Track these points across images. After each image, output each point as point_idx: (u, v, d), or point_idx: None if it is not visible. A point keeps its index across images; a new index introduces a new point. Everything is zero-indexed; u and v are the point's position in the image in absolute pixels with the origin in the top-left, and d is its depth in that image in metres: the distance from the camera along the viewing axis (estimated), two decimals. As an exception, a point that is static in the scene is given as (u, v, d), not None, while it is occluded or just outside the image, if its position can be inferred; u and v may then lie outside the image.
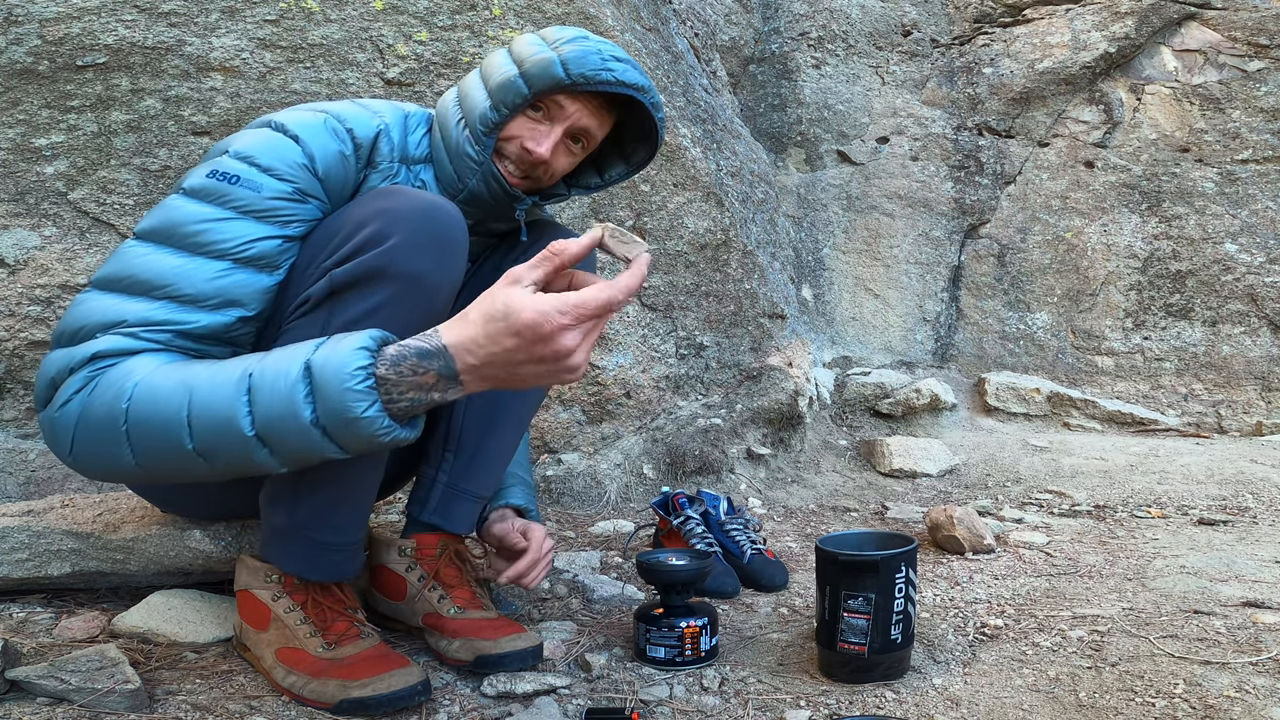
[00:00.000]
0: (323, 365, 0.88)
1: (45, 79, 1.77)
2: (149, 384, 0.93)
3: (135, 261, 1.02)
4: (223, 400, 0.90)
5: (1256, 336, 3.21)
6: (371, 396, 0.87)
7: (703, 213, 2.42)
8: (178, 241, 1.02)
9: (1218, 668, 1.20)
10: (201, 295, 1.01)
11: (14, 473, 1.71)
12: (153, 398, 0.92)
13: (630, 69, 1.19)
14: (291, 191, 1.07)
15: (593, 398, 2.28)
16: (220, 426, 0.90)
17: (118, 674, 1.05)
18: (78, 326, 0.99)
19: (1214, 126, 3.33)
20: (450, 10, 2.06)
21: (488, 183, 1.22)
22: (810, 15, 3.75)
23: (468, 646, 1.21)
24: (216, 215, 1.03)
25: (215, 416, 0.90)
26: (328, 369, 0.87)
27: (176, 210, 1.04)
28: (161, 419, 0.91)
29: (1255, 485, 2.42)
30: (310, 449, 0.90)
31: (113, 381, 0.94)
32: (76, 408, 0.95)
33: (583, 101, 1.20)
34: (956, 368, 3.45)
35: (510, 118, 1.19)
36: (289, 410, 0.88)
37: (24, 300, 1.75)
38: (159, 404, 0.92)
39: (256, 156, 1.07)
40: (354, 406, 0.87)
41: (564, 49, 1.17)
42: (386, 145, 1.19)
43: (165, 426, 0.91)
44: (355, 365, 0.87)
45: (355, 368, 0.87)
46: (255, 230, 1.05)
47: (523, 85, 1.16)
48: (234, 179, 1.05)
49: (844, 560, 1.20)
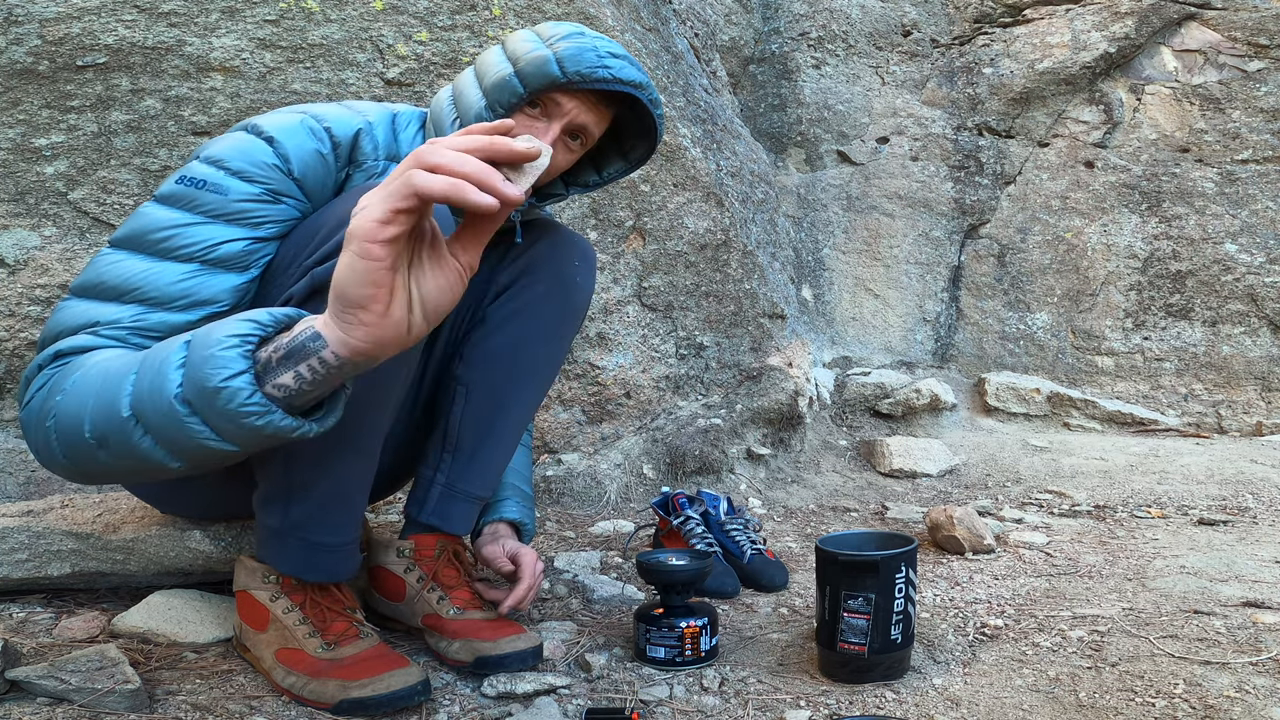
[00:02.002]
0: (205, 333, 0.79)
1: (45, 79, 1.77)
2: (79, 376, 0.89)
3: (106, 269, 1.02)
4: (116, 379, 0.84)
5: (1256, 336, 3.21)
6: (239, 365, 0.76)
7: (703, 213, 2.42)
8: (146, 247, 1.03)
9: (1218, 668, 1.20)
10: (167, 297, 1.01)
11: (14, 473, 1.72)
12: (76, 389, 0.88)
13: (627, 65, 1.18)
14: (261, 193, 1.07)
15: (593, 398, 2.28)
16: (106, 408, 0.83)
17: (118, 674, 1.05)
18: (55, 332, 1.00)
19: (1214, 126, 3.33)
20: (450, 10, 2.05)
21: None
22: (810, 15, 3.75)
23: (467, 647, 1.21)
24: (184, 220, 1.03)
25: (106, 398, 0.84)
26: (209, 336, 0.78)
27: (146, 217, 1.04)
28: (75, 407, 0.86)
29: (1255, 485, 2.42)
30: (182, 433, 0.79)
31: (61, 378, 0.92)
32: (37, 406, 0.95)
33: (580, 99, 1.19)
34: (956, 368, 3.45)
35: (506, 117, 1.18)
36: (158, 382, 0.79)
37: (24, 300, 1.75)
38: (78, 393, 0.87)
39: (226, 160, 1.07)
40: (213, 375, 0.76)
41: (559, 46, 1.16)
42: (369, 144, 1.17)
43: (76, 415, 0.86)
44: (232, 331, 0.77)
45: (230, 334, 0.77)
46: (223, 233, 1.04)
47: (518, 84, 1.15)
48: (201, 184, 1.05)
49: (844, 560, 1.20)
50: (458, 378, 1.33)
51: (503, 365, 1.32)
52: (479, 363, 1.33)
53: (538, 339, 1.34)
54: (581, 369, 2.26)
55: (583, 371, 2.27)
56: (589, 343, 2.27)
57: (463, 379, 1.33)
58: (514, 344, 1.33)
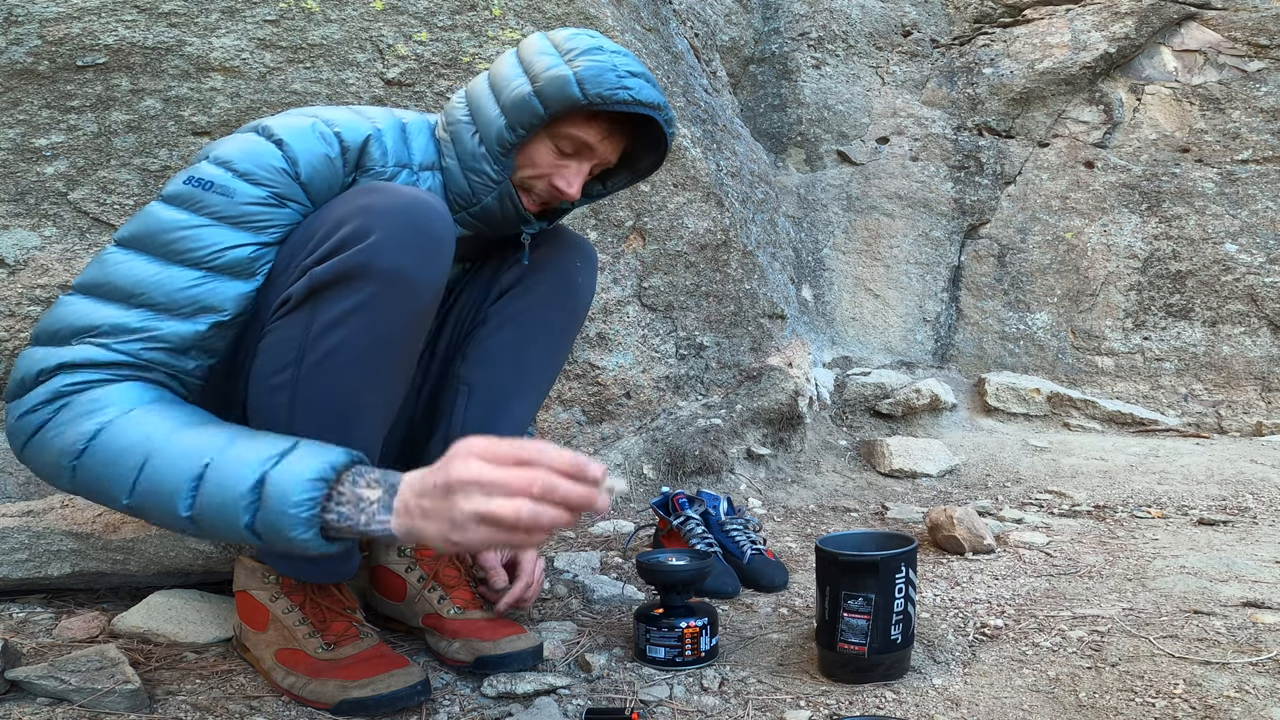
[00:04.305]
0: (280, 483, 0.87)
1: (45, 79, 1.77)
2: (112, 435, 0.93)
3: (113, 268, 1.02)
4: (171, 480, 0.90)
5: (1256, 337, 3.21)
6: (311, 530, 0.86)
7: (703, 213, 2.42)
8: (153, 249, 1.03)
9: (1218, 668, 1.19)
10: (175, 303, 1.01)
11: (14, 473, 1.71)
12: (110, 450, 0.92)
13: (646, 85, 1.17)
14: (267, 196, 1.06)
15: (593, 398, 2.29)
16: (160, 497, 0.91)
17: (118, 674, 1.05)
18: (55, 329, 1.00)
19: (1214, 126, 3.33)
20: (450, 10, 2.05)
21: (502, 202, 1.22)
22: (810, 15, 3.75)
23: (468, 647, 1.21)
24: (191, 222, 1.03)
25: (159, 489, 0.90)
26: (285, 487, 0.86)
27: (153, 217, 1.04)
28: (110, 472, 0.92)
29: (1255, 485, 2.42)
30: (233, 540, 1.00)
31: (79, 414, 0.94)
32: (36, 422, 0.96)
33: (605, 133, 1.19)
34: (956, 368, 3.45)
35: (529, 137, 1.18)
36: (230, 513, 0.88)
37: (24, 300, 1.75)
38: (114, 459, 0.92)
39: (234, 162, 1.06)
40: (289, 531, 0.86)
41: (579, 64, 1.14)
42: (378, 150, 1.17)
43: (110, 478, 0.92)
44: (305, 496, 0.85)
45: (304, 498, 0.85)
46: (229, 237, 1.04)
47: (539, 106, 1.14)
48: (208, 185, 1.05)
49: (844, 560, 1.20)
50: (460, 377, 1.34)
51: (505, 365, 1.32)
52: (481, 362, 1.33)
53: (540, 339, 1.35)
54: (581, 369, 2.26)
55: (583, 371, 2.27)
56: (589, 343, 2.27)
57: (465, 378, 1.33)
58: (516, 344, 1.33)
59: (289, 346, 1.03)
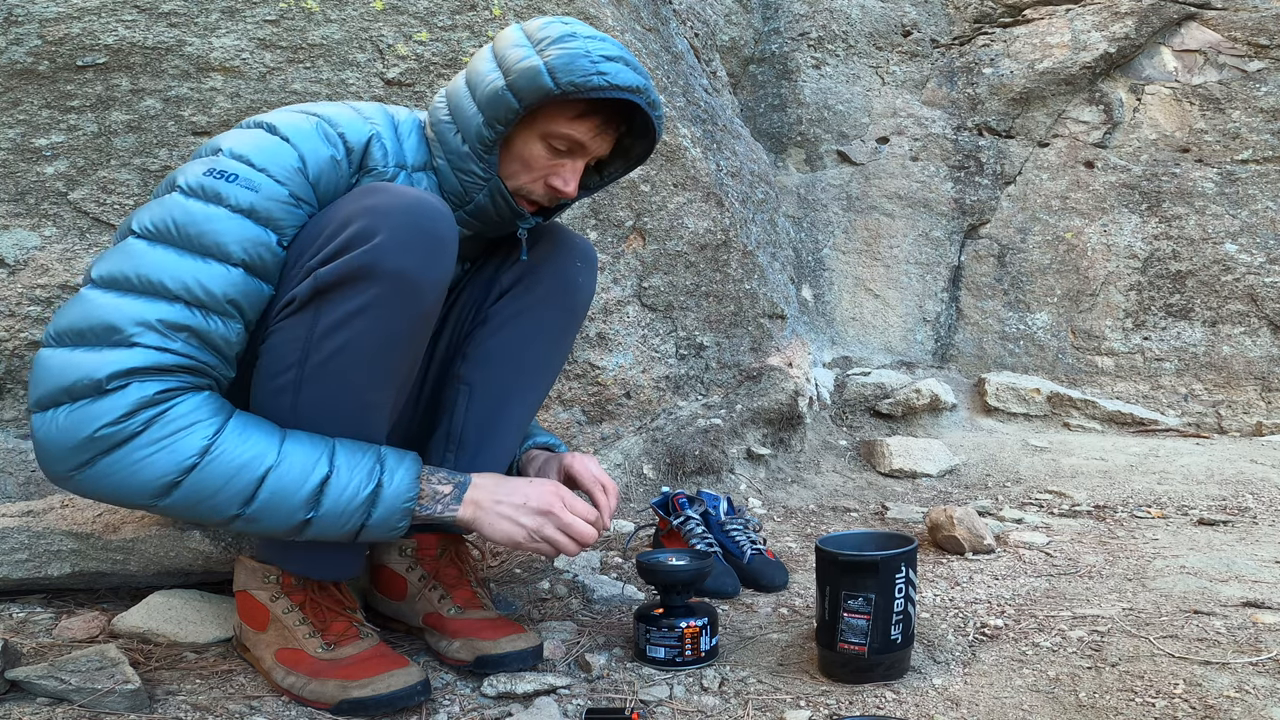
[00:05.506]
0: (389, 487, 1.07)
1: (45, 79, 1.77)
2: (224, 450, 0.98)
3: (144, 261, 0.99)
4: (297, 493, 1.01)
5: (1256, 337, 3.21)
6: (409, 516, 1.08)
7: (703, 213, 2.42)
8: (184, 242, 1.01)
9: (1218, 668, 1.19)
10: (219, 305, 1.01)
11: (14, 473, 1.71)
12: (227, 465, 0.98)
13: (623, 68, 1.13)
14: (287, 195, 1.06)
15: (593, 398, 2.29)
16: (281, 508, 1.01)
17: (118, 674, 1.05)
18: (83, 327, 0.97)
19: (1214, 126, 3.33)
20: (450, 10, 2.05)
21: (494, 198, 1.21)
22: (810, 15, 3.75)
23: (468, 646, 1.21)
24: (217, 214, 1.02)
25: (283, 501, 1.01)
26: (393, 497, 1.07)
27: (179, 208, 1.02)
28: (226, 486, 0.98)
29: (1255, 485, 2.42)
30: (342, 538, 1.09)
31: (176, 430, 0.96)
32: (119, 436, 0.94)
33: (596, 130, 1.19)
34: (956, 368, 3.45)
35: (507, 132, 1.16)
36: (348, 519, 1.04)
37: (24, 300, 1.75)
38: (231, 474, 0.98)
39: (251, 156, 1.06)
40: (400, 525, 1.08)
41: (550, 53, 1.11)
42: (380, 151, 1.16)
43: (224, 492, 0.99)
44: (411, 494, 1.08)
45: (411, 496, 1.08)
46: (255, 234, 1.03)
47: (513, 100, 1.12)
48: (232, 177, 1.03)
49: (844, 560, 1.20)
50: (461, 376, 1.34)
51: (505, 364, 1.33)
52: (482, 362, 1.33)
53: (540, 338, 1.34)
54: (581, 369, 2.26)
55: (583, 371, 2.27)
56: (589, 343, 2.27)
57: (466, 378, 1.33)
58: (516, 343, 1.33)
59: (293, 347, 1.03)
